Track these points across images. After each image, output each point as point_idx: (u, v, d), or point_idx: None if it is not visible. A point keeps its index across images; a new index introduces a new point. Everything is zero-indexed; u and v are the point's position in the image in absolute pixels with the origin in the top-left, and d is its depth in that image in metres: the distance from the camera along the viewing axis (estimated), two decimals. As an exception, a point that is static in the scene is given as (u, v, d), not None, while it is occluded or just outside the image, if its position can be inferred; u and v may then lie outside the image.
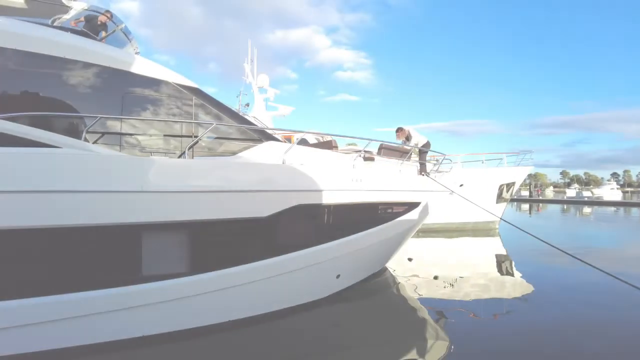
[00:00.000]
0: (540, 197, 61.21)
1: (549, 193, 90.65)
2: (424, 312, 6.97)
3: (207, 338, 5.49)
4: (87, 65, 5.28)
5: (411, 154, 8.62)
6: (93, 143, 5.11)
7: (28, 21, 5.55)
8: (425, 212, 8.50)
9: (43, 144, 4.59)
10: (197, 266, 5.29)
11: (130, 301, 5.01)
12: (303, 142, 7.47)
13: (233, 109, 6.75)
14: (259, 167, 5.82)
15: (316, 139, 10.56)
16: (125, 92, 5.45)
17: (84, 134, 4.96)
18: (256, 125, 6.54)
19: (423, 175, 8.66)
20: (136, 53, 6.81)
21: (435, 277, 9.38)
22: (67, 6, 6.41)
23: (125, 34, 6.79)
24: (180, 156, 5.55)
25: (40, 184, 4.49)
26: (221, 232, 5.49)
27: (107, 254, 4.93)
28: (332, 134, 8.42)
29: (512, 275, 10.24)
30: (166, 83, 5.68)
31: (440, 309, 7.12)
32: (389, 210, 7.54)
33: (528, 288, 8.55)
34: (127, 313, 5.04)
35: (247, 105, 16.81)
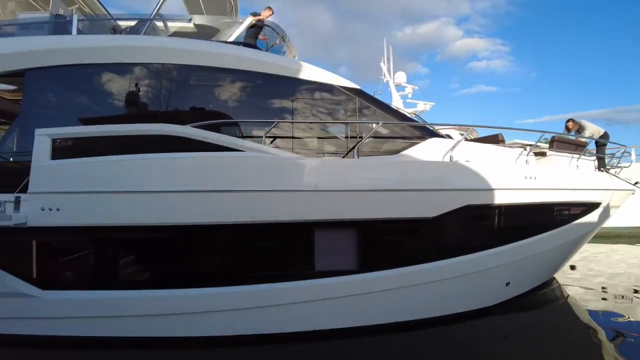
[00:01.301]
0: None
1: None
2: (598, 331, 5.94)
3: (367, 338, 5.46)
4: (262, 76, 5.70)
5: (587, 147, 7.43)
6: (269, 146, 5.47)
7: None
8: (605, 214, 7.25)
9: (230, 148, 5.06)
10: (366, 265, 5.27)
11: (303, 295, 5.22)
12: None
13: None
14: (426, 165, 5.56)
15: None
16: (295, 97, 5.71)
17: (263, 138, 5.31)
18: (419, 122, 6.31)
19: (602, 171, 7.39)
20: (294, 57, 7.16)
21: (604, 289, 7.97)
22: (230, 22, 7.04)
23: (285, 41, 7.16)
24: (345, 156, 5.60)
25: (228, 184, 4.95)
26: (389, 231, 5.40)
27: (284, 249, 5.23)
28: (495, 126, 7.66)
29: None
30: (331, 86, 5.81)
31: (616, 327, 6.00)
32: (566, 212, 6.58)
33: None
34: (300, 307, 5.26)
35: None
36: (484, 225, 5.84)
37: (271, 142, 5.55)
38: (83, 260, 5.24)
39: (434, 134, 6.00)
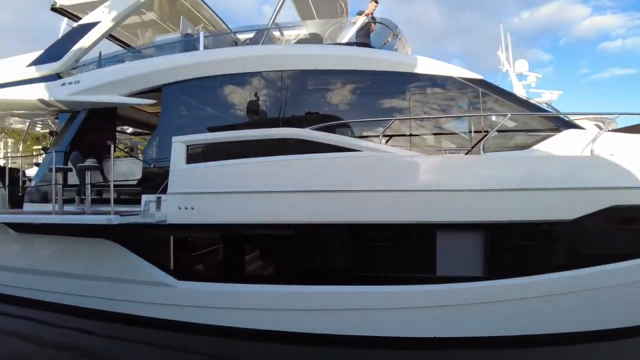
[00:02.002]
0: None
1: None
2: None
3: (490, 352, 5.04)
4: (378, 74, 5.64)
5: None
6: (387, 144, 5.38)
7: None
8: None
9: (348, 149, 5.10)
10: (492, 271, 4.87)
11: (423, 300, 5.02)
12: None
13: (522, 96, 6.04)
14: (562, 161, 4.95)
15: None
16: (412, 92, 5.54)
17: (381, 136, 5.25)
18: (552, 112, 5.67)
19: None
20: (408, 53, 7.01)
21: None
22: (342, 23, 7.13)
23: (398, 37, 7.03)
24: (468, 152, 5.26)
25: (346, 184, 4.98)
26: (519, 235, 4.91)
27: (404, 251, 5.10)
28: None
29: None
30: (450, 78, 5.51)
31: None
32: None
33: None
34: (419, 312, 5.07)
35: None
36: (633, 229, 4.99)
37: (387, 141, 5.44)
38: (214, 255, 5.74)
39: (570, 125, 5.32)
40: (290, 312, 5.34)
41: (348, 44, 6.28)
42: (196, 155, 5.58)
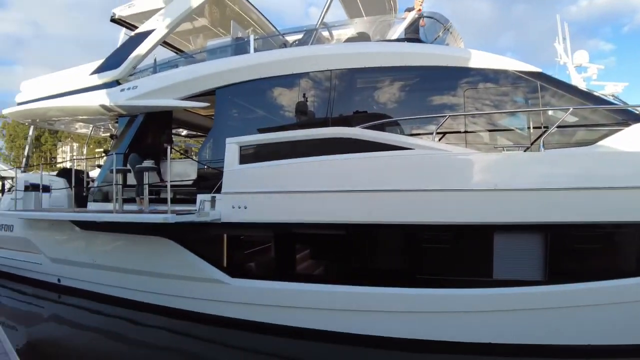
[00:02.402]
0: None
1: None
2: None
3: None
4: (430, 69, 5.50)
5: None
6: (439, 142, 5.24)
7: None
8: None
9: (400, 147, 5.01)
10: (554, 275, 4.61)
11: (478, 305, 4.84)
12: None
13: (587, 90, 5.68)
14: (630, 157, 4.56)
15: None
16: (466, 87, 5.36)
17: (434, 134, 5.12)
18: (619, 104, 5.28)
19: None
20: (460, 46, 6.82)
21: None
22: (391, 20, 7.03)
23: (449, 31, 6.85)
24: (527, 149, 5.02)
25: (398, 183, 4.90)
26: (584, 237, 4.62)
27: (459, 253, 4.95)
28: None
29: None
30: (506, 72, 5.27)
31: None
32: None
33: None
34: (474, 317, 4.89)
35: None
36: None
37: (440, 139, 5.28)
38: (266, 253, 5.85)
39: (640, 118, 4.92)
40: (340, 312, 5.33)
41: (398, 40, 6.17)
42: (249, 155, 5.71)
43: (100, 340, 5.98)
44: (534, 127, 5.13)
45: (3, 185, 11.84)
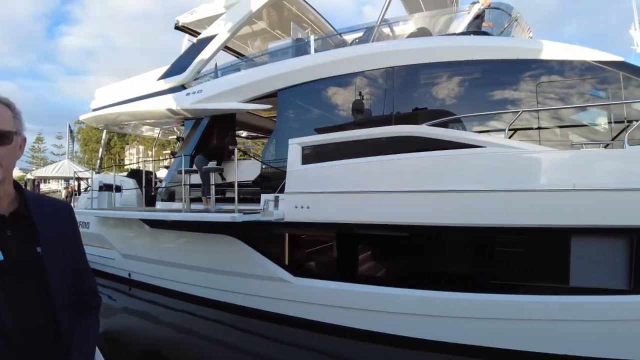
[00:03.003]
0: None
1: None
2: None
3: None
4: (499, 62, 5.22)
5: None
6: (510, 138, 4.95)
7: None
8: None
9: (469, 145, 4.77)
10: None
11: (553, 313, 4.50)
12: None
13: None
14: None
15: None
16: (538, 81, 5.02)
17: (506, 130, 4.84)
18: None
19: None
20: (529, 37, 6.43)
21: None
22: (453, 14, 6.76)
23: (517, 21, 6.49)
24: (608, 146, 4.60)
25: (468, 183, 4.67)
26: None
27: (532, 257, 4.63)
28: None
29: None
30: (584, 63, 4.86)
31: None
32: None
33: None
34: (548, 325, 4.55)
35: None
36: None
37: (510, 136, 4.98)
38: (328, 253, 5.84)
39: None
40: (403, 315, 5.18)
41: (463, 34, 5.91)
42: (311, 156, 5.71)
43: (164, 331, 6.31)
44: (615, 122, 4.70)
45: (79, 185, 12.83)
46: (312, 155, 5.72)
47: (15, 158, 1.30)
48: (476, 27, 6.17)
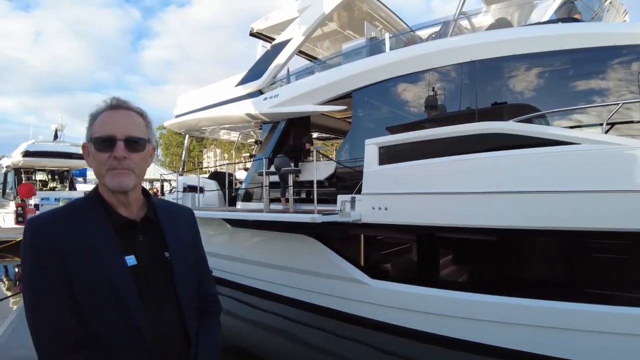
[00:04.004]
0: None
1: None
2: None
3: None
4: (594, 50, 4.71)
5: None
6: (606, 133, 4.45)
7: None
8: None
9: (561, 142, 4.37)
10: None
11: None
12: None
13: None
14: None
15: None
16: None
17: (603, 125, 4.37)
18: None
19: None
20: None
21: None
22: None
23: (611, 3, 5.84)
24: None
25: (561, 184, 4.28)
26: None
27: (635, 266, 4.13)
28: None
29: None
30: None
31: None
32: None
33: None
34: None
35: None
36: None
37: (606, 131, 4.45)
38: (407, 256, 5.70)
39: None
40: (485, 323, 4.87)
41: (549, 22, 5.43)
42: (389, 156, 5.61)
43: (244, 327, 6.62)
44: None
45: (162, 187, 13.91)
46: (390, 155, 5.61)
47: (146, 165, 1.32)
48: (565, 14, 5.63)
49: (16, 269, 11.44)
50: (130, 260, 1.21)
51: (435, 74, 5.76)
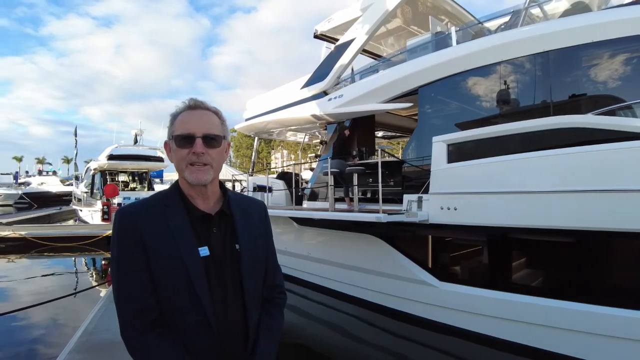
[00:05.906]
0: None
1: None
2: None
3: None
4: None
5: None
6: None
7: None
8: None
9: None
10: None
11: None
12: None
13: None
14: None
15: None
16: None
17: None
18: None
19: None
20: None
21: None
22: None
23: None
24: None
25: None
26: None
27: None
28: None
29: None
30: None
31: None
32: None
33: None
34: None
35: None
36: None
37: None
38: (477, 259, 5.44)
39: None
40: (559, 330, 4.49)
41: (633, 4, 4.83)
42: (458, 153, 5.39)
43: (307, 323, 6.68)
44: None
45: (233, 186, 14.63)
46: (459, 152, 5.37)
47: (222, 160, 1.40)
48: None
49: (103, 262, 12.45)
50: (204, 251, 1.29)
51: (507, 66, 5.41)
